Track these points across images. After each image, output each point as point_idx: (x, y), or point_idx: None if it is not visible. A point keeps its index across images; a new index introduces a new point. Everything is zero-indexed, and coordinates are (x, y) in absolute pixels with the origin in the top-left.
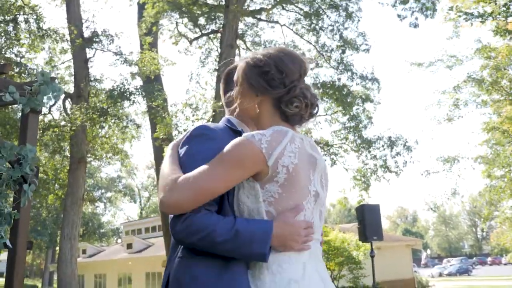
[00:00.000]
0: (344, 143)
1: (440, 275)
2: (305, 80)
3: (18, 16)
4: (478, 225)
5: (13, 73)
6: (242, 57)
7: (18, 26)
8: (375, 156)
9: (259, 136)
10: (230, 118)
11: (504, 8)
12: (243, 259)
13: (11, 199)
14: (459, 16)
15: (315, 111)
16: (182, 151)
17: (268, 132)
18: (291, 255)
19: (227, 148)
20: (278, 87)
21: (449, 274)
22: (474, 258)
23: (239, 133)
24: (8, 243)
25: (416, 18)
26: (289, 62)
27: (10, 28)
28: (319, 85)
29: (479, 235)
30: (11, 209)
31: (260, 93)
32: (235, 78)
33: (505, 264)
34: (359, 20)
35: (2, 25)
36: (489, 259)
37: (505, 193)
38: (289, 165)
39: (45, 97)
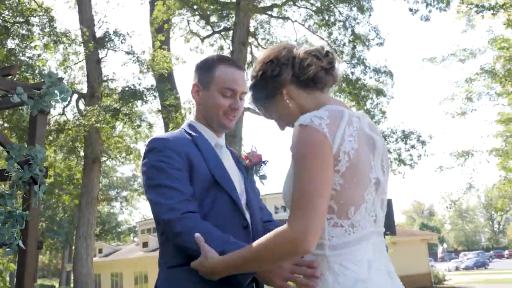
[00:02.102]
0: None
1: (457, 269)
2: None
3: (30, 18)
4: (495, 218)
5: (27, 75)
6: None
7: (31, 28)
8: (388, 149)
9: (317, 120)
10: (190, 121)
11: None
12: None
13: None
14: (470, 8)
15: (329, 57)
16: (142, 168)
17: (324, 113)
18: (354, 252)
19: (296, 147)
20: (282, 70)
21: (466, 268)
22: (491, 252)
23: (191, 135)
24: (21, 244)
25: (430, 11)
26: (269, 52)
27: (23, 30)
28: None
29: (496, 228)
30: (21, 209)
31: (280, 87)
32: (261, 111)
33: None
34: (370, 15)
35: (15, 27)
36: (506, 252)
37: None
38: (350, 151)
39: (52, 98)
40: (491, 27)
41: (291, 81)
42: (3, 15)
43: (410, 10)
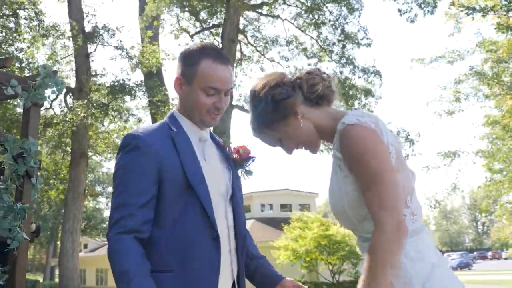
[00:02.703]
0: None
1: None
2: None
3: (18, 11)
4: (479, 219)
5: (14, 68)
6: (254, 132)
7: (19, 21)
8: None
9: (362, 118)
10: (174, 112)
11: (506, 2)
12: None
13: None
14: (461, 10)
15: (326, 74)
16: (116, 162)
17: (362, 113)
18: (422, 239)
19: (354, 145)
20: (290, 92)
21: None
22: (475, 253)
23: (170, 129)
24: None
25: (416, 15)
26: (269, 78)
27: (10, 23)
28: None
29: (480, 229)
30: (16, 203)
31: (292, 108)
32: (273, 143)
33: (505, 259)
34: (360, 14)
35: (1, 19)
36: (489, 253)
37: (504, 187)
38: (394, 143)
39: (47, 91)
40: (480, 29)
41: (300, 101)
42: None
43: (399, 11)
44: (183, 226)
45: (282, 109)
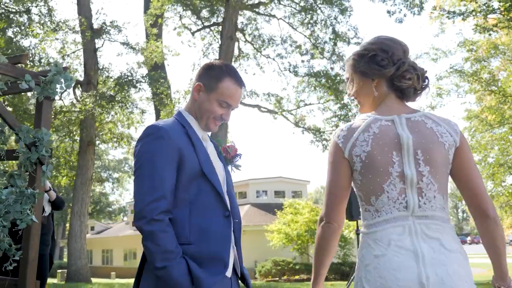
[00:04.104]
0: (335, 130)
1: None
2: (409, 57)
3: (31, 7)
4: (459, 207)
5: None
6: (348, 57)
7: (31, 17)
8: None
9: (339, 132)
10: (181, 111)
11: (484, 7)
12: None
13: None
14: (442, 14)
15: (426, 83)
16: (135, 150)
17: (349, 124)
18: (378, 232)
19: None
20: (388, 66)
21: None
22: None
23: (183, 126)
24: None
25: (405, 15)
26: (390, 42)
27: (23, 19)
28: (313, 74)
29: (460, 216)
30: (29, 188)
31: (374, 76)
32: (346, 76)
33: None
34: (350, 15)
35: (16, 16)
36: (468, 238)
37: (482, 177)
38: (361, 154)
39: (58, 86)
40: (461, 30)
41: (386, 77)
42: (5, 4)
43: (388, 12)
44: (200, 205)
45: (368, 68)
